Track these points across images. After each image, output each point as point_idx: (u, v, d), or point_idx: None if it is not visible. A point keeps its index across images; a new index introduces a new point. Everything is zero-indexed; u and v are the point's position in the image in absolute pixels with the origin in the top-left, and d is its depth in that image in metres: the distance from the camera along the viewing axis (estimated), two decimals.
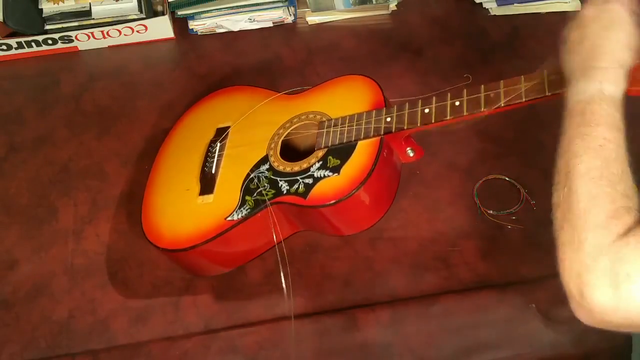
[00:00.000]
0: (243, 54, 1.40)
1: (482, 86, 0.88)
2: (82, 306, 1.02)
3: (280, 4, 1.42)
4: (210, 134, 1.09)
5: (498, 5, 1.42)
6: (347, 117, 0.97)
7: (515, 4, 1.42)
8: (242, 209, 0.94)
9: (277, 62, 1.37)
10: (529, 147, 1.14)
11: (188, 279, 1.03)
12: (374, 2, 1.44)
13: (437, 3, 1.46)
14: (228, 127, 1.08)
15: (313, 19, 1.44)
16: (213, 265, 1.01)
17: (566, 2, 1.40)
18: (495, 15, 1.41)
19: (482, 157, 1.13)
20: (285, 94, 1.09)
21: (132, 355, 0.96)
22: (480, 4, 1.44)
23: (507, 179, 1.09)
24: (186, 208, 1.00)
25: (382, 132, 0.92)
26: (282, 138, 1.01)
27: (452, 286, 0.98)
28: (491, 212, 1.05)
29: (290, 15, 1.43)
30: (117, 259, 1.07)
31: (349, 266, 1.02)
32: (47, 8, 1.38)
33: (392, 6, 1.45)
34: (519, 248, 1.01)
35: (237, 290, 1.01)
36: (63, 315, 1.01)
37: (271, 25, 1.44)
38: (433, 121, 0.89)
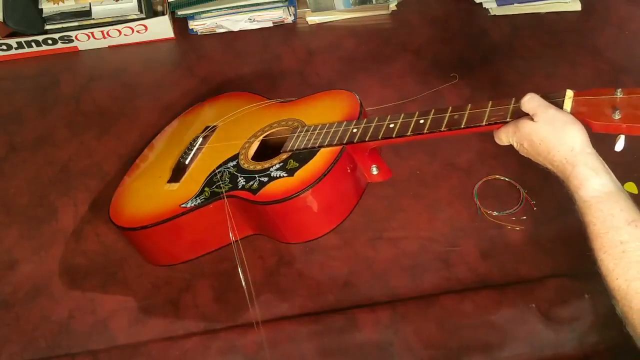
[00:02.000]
0: (243, 54, 1.40)
1: (450, 107, 0.87)
2: (82, 306, 1.02)
3: (280, 4, 1.42)
4: (198, 131, 1.12)
5: (498, 5, 1.42)
6: (319, 125, 0.98)
7: (515, 4, 1.42)
8: (198, 198, 0.97)
9: (277, 62, 1.37)
10: None
11: (188, 279, 1.03)
12: (374, 2, 1.44)
13: (437, 3, 1.46)
14: (215, 125, 1.11)
15: (313, 19, 1.44)
16: (166, 251, 1.02)
17: (566, 2, 1.40)
18: (495, 15, 1.41)
19: (482, 157, 1.13)
20: (277, 102, 1.10)
21: (132, 355, 0.96)
22: (480, 4, 1.44)
23: (507, 179, 1.09)
24: (151, 192, 1.03)
25: (344, 141, 0.92)
26: (257, 139, 1.03)
27: (452, 286, 0.98)
28: (491, 212, 1.05)
29: (290, 15, 1.43)
30: (117, 259, 1.07)
31: (349, 266, 1.02)
32: (47, 8, 1.38)
33: (392, 6, 1.45)
34: (519, 248, 1.01)
35: (237, 290, 1.01)
36: (63, 315, 1.01)
37: (271, 25, 1.44)
38: (394, 136, 0.89)
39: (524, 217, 1.04)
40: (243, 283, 0.96)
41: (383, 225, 1.06)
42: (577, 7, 1.40)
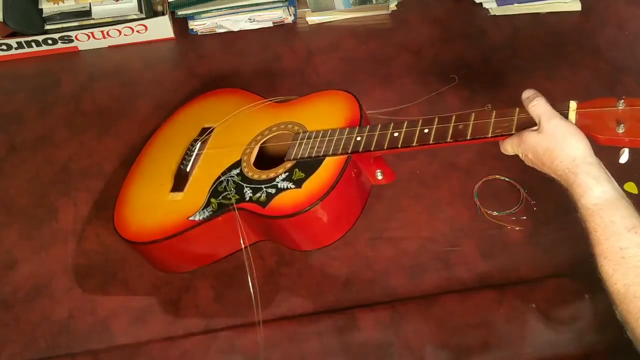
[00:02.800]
0: (243, 54, 1.40)
1: (454, 116, 0.87)
2: (82, 306, 1.02)
3: (280, 4, 1.42)
4: (195, 133, 1.10)
5: (498, 5, 1.42)
6: (321, 132, 0.97)
7: (515, 4, 1.42)
8: (205, 210, 0.95)
9: (277, 62, 1.37)
10: None
11: (188, 278, 1.03)
12: (374, 2, 1.44)
13: (437, 3, 1.46)
14: (212, 128, 1.09)
15: (313, 19, 1.44)
16: (175, 262, 1.02)
17: (566, 2, 1.40)
18: (495, 15, 1.41)
19: (482, 157, 1.13)
20: (272, 101, 1.09)
21: (132, 355, 0.96)
22: (480, 4, 1.44)
23: (507, 179, 1.09)
24: (156, 203, 1.02)
25: (349, 151, 0.92)
26: (258, 144, 1.02)
27: (452, 286, 0.98)
28: (491, 212, 1.05)
29: (290, 15, 1.43)
30: (117, 259, 1.07)
31: (349, 266, 1.02)
32: (47, 8, 1.38)
33: (392, 6, 1.45)
34: (519, 248, 1.01)
35: (237, 290, 1.01)
36: (63, 315, 1.01)
37: (271, 25, 1.44)
38: (399, 146, 0.89)
39: (524, 217, 1.04)
40: (251, 290, 0.95)
41: (383, 225, 1.06)
42: (577, 7, 1.40)
